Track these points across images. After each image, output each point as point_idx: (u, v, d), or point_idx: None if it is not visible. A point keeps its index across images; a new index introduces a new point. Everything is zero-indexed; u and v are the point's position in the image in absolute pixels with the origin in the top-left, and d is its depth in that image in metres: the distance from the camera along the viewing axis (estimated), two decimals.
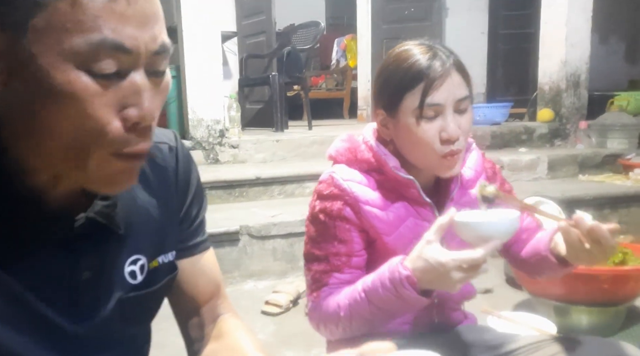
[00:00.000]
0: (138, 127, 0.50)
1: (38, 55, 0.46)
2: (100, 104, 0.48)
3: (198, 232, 0.75)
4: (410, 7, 4.70)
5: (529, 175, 3.26)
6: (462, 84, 0.90)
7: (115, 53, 0.47)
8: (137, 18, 0.47)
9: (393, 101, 0.92)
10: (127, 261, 0.63)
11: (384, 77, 0.95)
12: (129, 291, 0.63)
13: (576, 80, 3.78)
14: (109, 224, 0.59)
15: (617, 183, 3.08)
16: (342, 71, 6.10)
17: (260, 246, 2.28)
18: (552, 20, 3.79)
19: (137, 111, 0.49)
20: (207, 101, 3.04)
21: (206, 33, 2.98)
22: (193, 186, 0.73)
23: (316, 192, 0.98)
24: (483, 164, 1.08)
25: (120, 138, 0.49)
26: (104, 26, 0.46)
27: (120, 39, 0.46)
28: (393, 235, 0.96)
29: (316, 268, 0.97)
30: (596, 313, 1.70)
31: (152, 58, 0.50)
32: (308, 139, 3.29)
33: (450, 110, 0.89)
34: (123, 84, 0.48)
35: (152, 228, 0.65)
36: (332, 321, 0.95)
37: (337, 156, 1.00)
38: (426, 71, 0.88)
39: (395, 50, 0.95)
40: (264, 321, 1.93)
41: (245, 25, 4.58)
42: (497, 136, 3.68)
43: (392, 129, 0.95)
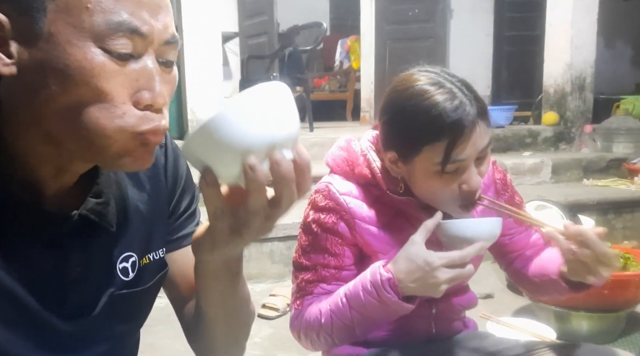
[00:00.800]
0: (151, 109, 0.51)
1: (56, 34, 0.47)
2: (115, 83, 0.49)
3: (188, 223, 0.74)
4: (414, 9, 4.67)
5: (533, 179, 3.23)
6: (486, 131, 0.83)
7: (132, 35, 0.49)
8: (152, 6, 0.50)
9: (409, 150, 0.85)
10: (119, 258, 0.63)
11: (399, 120, 0.87)
12: (121, 288, 0.63)
13: (581, 83, 3.74)
14: (101, 222, 0.59)
15: (621, 187, 3.04)
16: (345, 73, 6.07)
17: (258, 249, 2.26)
18: (557, 22, 3.76)
19: (149, 94, 0.51)
20: (206, 102, 3.03)
21: (206, 33, 2.97)
22: (182, 179, 0.72)
23: (311, 201, 0.95)
24: (493, 175, 1.02)
25: (134, 118, 0.50)
26: (122, 9, 0.48)
27: (137, 22, 0.49)
28: (390, 254, 0.92)
29: (303, 277, 0.94)
30: (596, 319, 1.68)
31: (163, 47, 0.52)
32: (309, 141, 3.27)
33: (472, 162, 0.84)
34: (136, 66, 0.50)
35: (142, 225, 0.65)
36: (312, 329, 0.92)
37: (334, 166, 0.96)
38: (452, 125, 0.80)
39: (409, 85, 0.85)
40: (260, 325, 1.91)
41: (247, 26, 4.58)
42: (501, 139, 3.64)
43: (403, 170, 0.89)
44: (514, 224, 1.04)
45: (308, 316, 0.92)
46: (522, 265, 1.05)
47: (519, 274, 1.05)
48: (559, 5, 3.72)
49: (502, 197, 1.03)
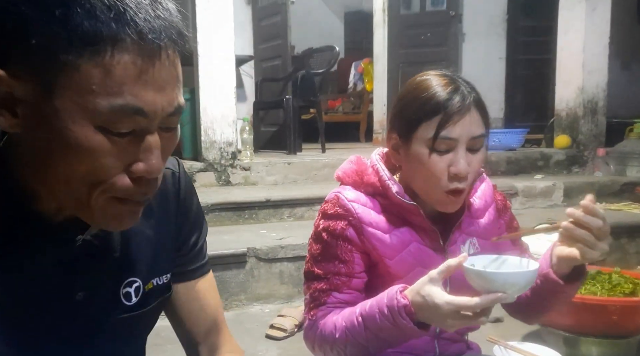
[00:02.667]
0: (142, 180, 0.53)
1: (61, 110, 0.49)
2: (112, 158, 0.51)
3: (195, 259, 0.77)
4: (427, 33, 4.74)
5: (545, 202, 3.21)
6: (480, 122, 0.90)
7: (134, 115, 0.50)
8: (159, 84, 0.51)
9: (408, 128, 0.92)
10: (122, 282, 0.65)
11: (402, 103, 0.95)
12: (124, 312, 0.65)
13: (593, 107, 3.73)
14: (104, 248, 0.61)
15: (635, 212, 3.00)
16: (359, 95, 6.14)
17: (267, 269, 2.28)
18: (568, 46, 3.78)
19: (144, 166, 0.53)
20: (220, 124, 3.09)
21: (221, 57, 3.05)
22: (193, 212, 0.75)
23: (321, 211, 0.99)
24: (494, 195, 1.06)
25: (125, 188, 0.53)
26: (127, 92, 0.49)
27: (140, 104, 0.50)
28: (395, 259, 0.96)
29: (315, 286, 0.97)
30: (606, 345, 1.65)
31: (167, 118, 0.53)
32: (320, 162, 3.31)
33: (463, 146, 0.89)
34: (136, 142, 0.52)
35: (148, 250, 0.67)
36: (327, 342, 0.94)
37: (344, 177, 1.01)
38: (445, 103, 0.88)
39: (417, 78, 0.95)
40: (268, 346, 1.91)
41: (261, 49, 4.68)
42: (513, 162, 3.64)
43: (402, 155, 0.95)
44: (511, 246, 1.06)
45: (323, 329, 0.94)
46: None
47: None
48: (571, 30, 3.75)
49: (503, 218, 1.06)
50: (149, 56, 0.49)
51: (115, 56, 0.48)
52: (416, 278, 0.96)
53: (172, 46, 0.52)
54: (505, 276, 0.80)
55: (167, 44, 0.51)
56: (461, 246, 1.01)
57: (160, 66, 0.50)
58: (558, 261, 0.89)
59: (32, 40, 0.48)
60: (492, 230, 1.05)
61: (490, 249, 1.05)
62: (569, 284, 0.91)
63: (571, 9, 3.73)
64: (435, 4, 4.76)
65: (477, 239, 1.03)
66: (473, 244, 1.02)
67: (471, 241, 1.02)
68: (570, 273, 0.90)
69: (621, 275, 1.73)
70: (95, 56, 0.48)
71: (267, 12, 4.57)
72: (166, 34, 0.50)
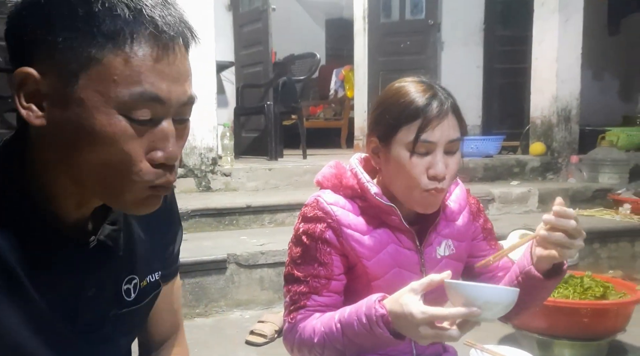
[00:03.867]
0: (163, 166, 0.58)
1: (85, 100, 0.54)
2: (134, 145, 0.56)
3: (174, 261, 0.82)
4: (406, 41, 4.81)
5: (520, 208, 3.28)
6: (456, 126, 0.94)
7: (151, 103, 0.55)
8: (173, 75, 0.56)
9: (388, 132, 0.95)
10: (124, 280, 0.69)
11: (382, 109, 0.98)
12: (124, 307, 0.69)
13: (567, 115, 3.83)
14: (114, 247, 0.66)
15: (607, 217, 3.09)
16: (340, 101, 6.19)
17: (248, 275, 2.28)
18: (543, 56, 3.88)
19: (163, 153, 0.57)
20: (200, 129, 3.09)
21: (201, 62, 3.05)
22: (175, 215, 0.80)
23: (301, 215, 1.01)
24: (467, 198, 1.10)
25: (148, 174, 0.57)
26: (145, 81, 0.54)
27: (157, 91, 0.55)
28: (373, 260, 0.98)
29: (295, 289, 0.98)
30: (578, 347, 1.70)
31: (180, 108, 0.59)
32: (301, 168, 3.32)
33: (441, 149, 0.93)
34: (154, 130, 0.57)
35: (143, 249, 0.72)
36: (305, 346, 0.96)
37: (324, 181, 1.03)
38: (425, 108, 0.92)
39: (395, 84, 0.99)
40: (248, 352, 1.91)
41: (243, 56, 4.68)
42: (490, 169, 3.71)
43: (382, 159, 0.99)
44: (488, 247, 1.10)
45: (302, 333, 0.96)
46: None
47: None
48: (545, 40, 3.85)
49: (477, 221, 1.10)
50: (163, 48, 0.55)
51: (134, 48, 0.53)
52: (393, 279, 0.99)
53: (183, 40, 0.58)
54: (486, 293, 0.81)
55: (178, 38, 0.57)
56: (437, 247, 1.04)
57: (173, 57, 0.56)
58: (538, 259, 0.93)
59: (58, 38, 0.53)
60: (466, 232, 1.08)
61: (466, 251, 1.09)
62: (550, 280, 0.95)
63: (545, 20, 3.84)
64: (414, 13, 4.83)
65: (453, 241, 1.06)
66: (448, 246, 1.05)
67: (447, 243, 1.05)
68: (550, 270, 0.94)
69: (592, 279, 1.78)
70: (116, 49, 0.53)
71: (248, 19, 4.58)
72: (178, 29, 0.57)
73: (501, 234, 2.48)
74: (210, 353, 1.87)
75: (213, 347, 1.91)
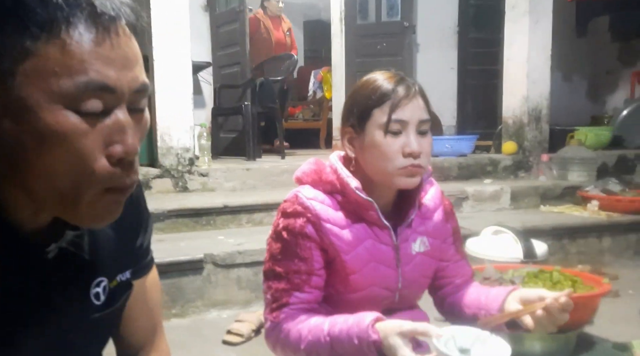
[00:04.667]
0: (123, 162, 0.53)
1: (27, 98, 0.48)
2: (88, 142, 0.50)
3: (143, 257, 0.78)
4: (382, 42, 4.86)
5: (493, 205, 3.35)
6: (425, 109, 0.99)
7: (101, 93, 0.50)
8: (120, 60, 0.51)
9: (362, 117, 0.99)
10: (92, 283, 0.65)
11: (353, 99, 1.02)
12: (95, 311, 0.66)
13: (537, 115, 3.93)
14: (79, 253, 0.61)
15: (575, 214, 3.17)
16: (318, 102, 6.21)
17: (225, 275, 2.28)
18: (514, 58, 3.96)
19: (121, 147, 0.52)
20: (177, 130, 3.07)
21: (177, 63, 3.03)
22: (143, 210, 0.76)
23: (280, 210, 1.02)
24: (442, 199, 1.14)
25: (107, 174, 0.52)
26: (89, 68, 0.49)
27: (104, 79, 0.50)
28: (351, 254, 1.00)
29: (276, 286, 0.99)
30: (548, 340, 1.74)
31: (134, 96, 0.53)
32: (279, 168, 3.33)
33: (413, 128, 0.96)
34: (108, 122, 0.51)
35: (111, 249, 0.68)
36: (290, 349, 0.97)
37: (303, 177, 1.05)
38: (394, 90, 0.97)
39: (364, 77, 1.03)
40: (225, 352, 1.91)
41: (220, 56, 4.67)
42: (464, 168, 3.78)
43: (357, 147, 1.01)
44: (455, 252, 1.14)
45: (287, 335, 0.97)
46: (452, 292, 1.13)
47: (447, 299, 1.14)
48: (516, 42, 3.94)
49: (450, 222, 1.13)
50: (104, 31, 0.50)
51: (71, 34, 0.48)
52: (370, 273, 1.01)
53: (126, 22, 0.52)
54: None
55: (120, 19, 0.51)
56: (412, 243, 1.06)
57: (117, 40, 0.51)
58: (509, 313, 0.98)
59: None
60: (441, 231, 1.11)
61: (439, 249, 1.12)
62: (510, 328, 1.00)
63: (516, 22, 3.93)
64: (390, 15, 4.89)
65: (427, 238, 1.08)
66: (423, 243, 1.08)
67: (422, 240, 1.08)
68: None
69: (561, 273, 1.83)
70: (52, 38, 0.48)
71: (224, 19, 4.57)
72: (119, 9, 0.51)
73: (475, 231, 2.54)
74: (187, 353, 1.86)
75: (190, 348, 1.91)
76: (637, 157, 3.99)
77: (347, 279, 1.01)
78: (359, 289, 1.02)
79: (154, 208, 2.54)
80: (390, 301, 1.06)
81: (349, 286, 1.01)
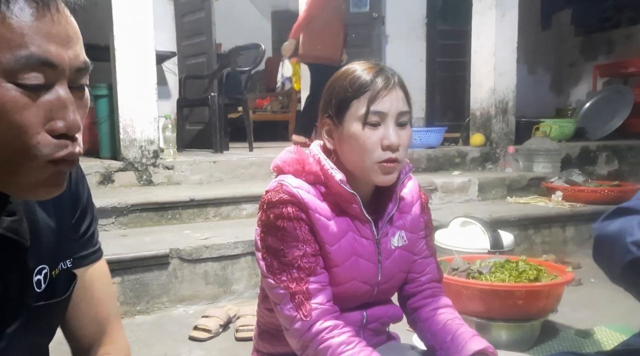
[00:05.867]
0: (65, 138, 0.54)
1: None
2: (28, 115, 0.51)
3: (87, 245, 0.77)
4: (351, 33, 4.84)
5: (461, 197, 3.39)
6: (404, 100, 0.96)
7: (42, 67, 0.51)
8: (61, 37, 0.52)
9: (340, 109, 0.97)
10: (34, 271, 0.64)
11: (331, 90, 0.99)
12: (37, 299, 0.65)
13: (504, 107, 3.99)
14: (18, 238, 0.61)
15: (540, 204, 3.24)
16: (287, 94, 6.16)
17: (191, 270, 2.23)
18: (481, 50, 4.01)
19: (63, 123, 0.53)
20: (140, 121, 2.98)
21: (140, 52, 2.93)
22: (82, 200, 0.75)
23: (264, 203, 0.98)
24: (419, 193, 1.12)
25: (49, 146, 0.53)
26: (30, 43, 0.50)
27: (46, 54, 0.51)
28: (335, 246, 0.98)
29: (289, 280, 0.95)
30: (514, 328, 1.78)
31: (75, 74, 0.55)
32: (247, 160, 3.28)
33: (392, 120, 0.94)
34: (49, 97, 0.52)
35: (51, 237, 0.68)
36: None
37: (284, 166, 1.01)
38: (372, 81, 0.95)
39: (343, 68, 1.01)
40: (191, 347, 1.87)
41: (185, 46, 4.56)
42: (432, 159, 3.81)
43: (336, 139, 0.99)
44: (423, 248, 1.12)
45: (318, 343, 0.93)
46: (415, 291, 1.11)
47: (409, 300, 1.12)
48: (483, 35, 3.98)
49: (423, 216, 1.12)
50: (44, 6, 0.51)
51: (11, 9, 0.50)
52: (352, 267, 1.00)
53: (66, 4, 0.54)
54: None
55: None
56: (391, 238, 1.05)
57: (58, 17, 0.52)
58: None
59: None
60: (417, 225, 1.10)
61: (416, 242, 1.10)
62: None
63: (483, 15, 3.97)
64: (358, 6, 4.88)
65: (405, 232, 1.07)
66: (401, 237, 1.07)
67: (400, 234, 1.06)
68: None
69: (527, 263, 1.86)
70: None
71: (189, 8, 4.46)
72: None
73: (443, 223, 2.56)
74: (151, 350, 1.81)
75: (154, 344, 1.86)
76: (599, 148, 4.10)
77: (330, 273, 0.98)
78: (340, 283, 0.99)
79: (117, 202, 2.46)
80: (369, 295, 1.05)
81: (331, 280, 0.98)
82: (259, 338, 1.13)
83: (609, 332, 1.92)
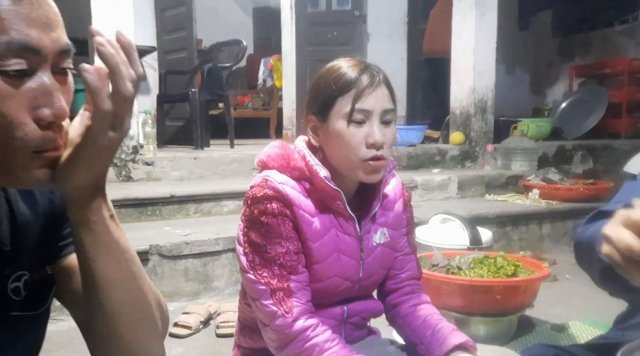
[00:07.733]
0: (53, 126, 0.53)
1: None
2: (12, 104, 0.50)
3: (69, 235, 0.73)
4: (333, 31, 4.84)
5: (441, 194, 3.43)
6: (389, 98, 0.97)
7: (23, 53, 0.49)
8: (42, 20, 0.51)
9: (325, 106, 0.96)
10: (10, 277, 0.61)
11: (316, 87, 0.99)
12: (13, 309, 0.61)
13: (483, 106, 4.05)
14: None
15: (518, 202, 3.30)
16: (268, 91, 6.13)
17: (172, 267, 2.21)
18: (461, 49, 4.05)
19: (49, 110, 0.52)
20: None
21: None
22: None
23: (249, 198, 0.97)
24: (402, 191, 1.13)
25: (37, 137, 0.51)
26: (10, 27, 0.49)
27: (26, 39, 0.49)
28: (317, 243, 0.98)
29: (270, 276, 0.94)
30: (492, 323, 1.81)
31: (58, 58, 0.53)
32: (228, 157, 3.26)
33: (377, 118, 0.94)
34: (32, 84, 0.51)
35: (34, 242, 0.64)
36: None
37: (269, 161, 1.00)
38: (357, 78, 0.94)
39: (328, 64, 1.00)
40: (171, 344, 1.85)
41: (165, 41, 4.50)
42: (413, 157, 3.85)
43: (321, 136, 0.99)
44: (404, 245, 1.13)
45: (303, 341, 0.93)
46: (395, 288, 1.12)
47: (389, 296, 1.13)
48: (463, 34, 4.03)
49: (406, 213, 1.13)
50: None
51: None
52: (333, 264, 1.00)
53: None
54: None
55: None
56: (373, 235, 1.05)
57: (37, 0, 0.51)
58: None
59: None
60: (399, 222, 1.11)
61: (396, 240, 1.11)
62: None
63: (463, 15, 4.01)
64: (340, 4, 4.88)
65: (388, 229, 1.08)
66: (384, 234, 1.07)
67: (382, 231, 1.07)
68: None
69: (505, 259, 1.90)
70: None
71: (170, 3, 4.41)
72: None
73: (424, 220, 2.59)
74: None
75: None
76: (574, 148, 4.19)
77: (311, 269, 0.98)
78: (322, 280, 0.99)
79: None
80: (350, 291, 1.05)
81: (312, 276, 0.98)
82: (240, 333, 1.13)
83: (583, 326, 1.97)
